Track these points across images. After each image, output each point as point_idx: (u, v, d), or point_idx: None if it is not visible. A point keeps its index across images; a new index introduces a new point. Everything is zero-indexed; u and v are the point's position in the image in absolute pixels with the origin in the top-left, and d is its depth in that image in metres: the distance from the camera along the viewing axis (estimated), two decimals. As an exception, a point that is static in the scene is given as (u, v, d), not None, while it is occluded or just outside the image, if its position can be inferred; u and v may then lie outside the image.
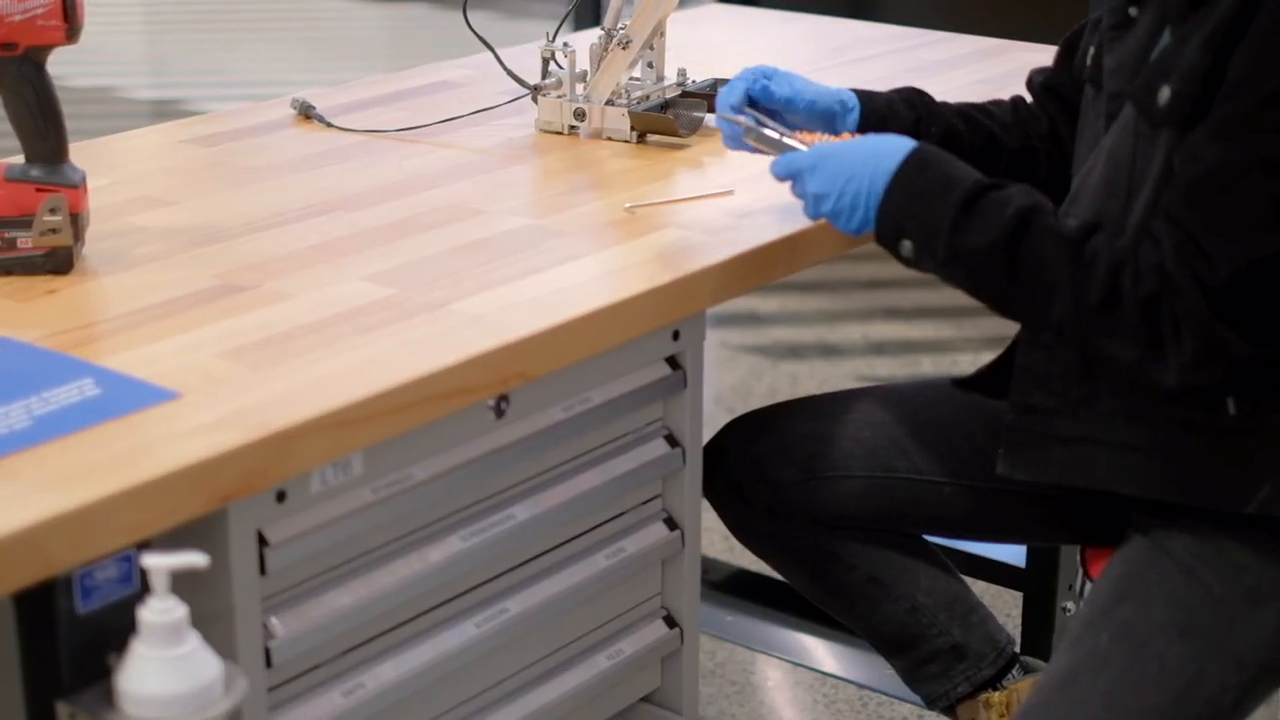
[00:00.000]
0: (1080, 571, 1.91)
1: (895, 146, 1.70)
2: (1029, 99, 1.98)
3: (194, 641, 1.33)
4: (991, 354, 1.97)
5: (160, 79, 7.72)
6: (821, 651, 2.98)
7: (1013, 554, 2.60)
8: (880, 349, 4.44)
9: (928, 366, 4.31)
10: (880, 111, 1.90)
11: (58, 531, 1.28)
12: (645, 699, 1.95)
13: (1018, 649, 2.04)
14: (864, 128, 1.88)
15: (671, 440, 1.86)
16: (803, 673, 2.99)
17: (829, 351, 4.43)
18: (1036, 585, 2.56)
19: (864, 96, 1.91)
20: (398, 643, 1.64)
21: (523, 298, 1.69)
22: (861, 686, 2.92)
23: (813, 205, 1.73)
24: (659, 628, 1.91)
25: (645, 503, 1.87)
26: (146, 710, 1.31)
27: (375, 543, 1.60)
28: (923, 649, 1.98)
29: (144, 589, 1.37)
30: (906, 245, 1.68)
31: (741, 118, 1.84)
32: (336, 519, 1.54)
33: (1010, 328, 1.80)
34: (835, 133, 1.90)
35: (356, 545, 1.58)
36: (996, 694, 1.96)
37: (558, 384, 1.70)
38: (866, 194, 1.69)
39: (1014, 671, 1.99)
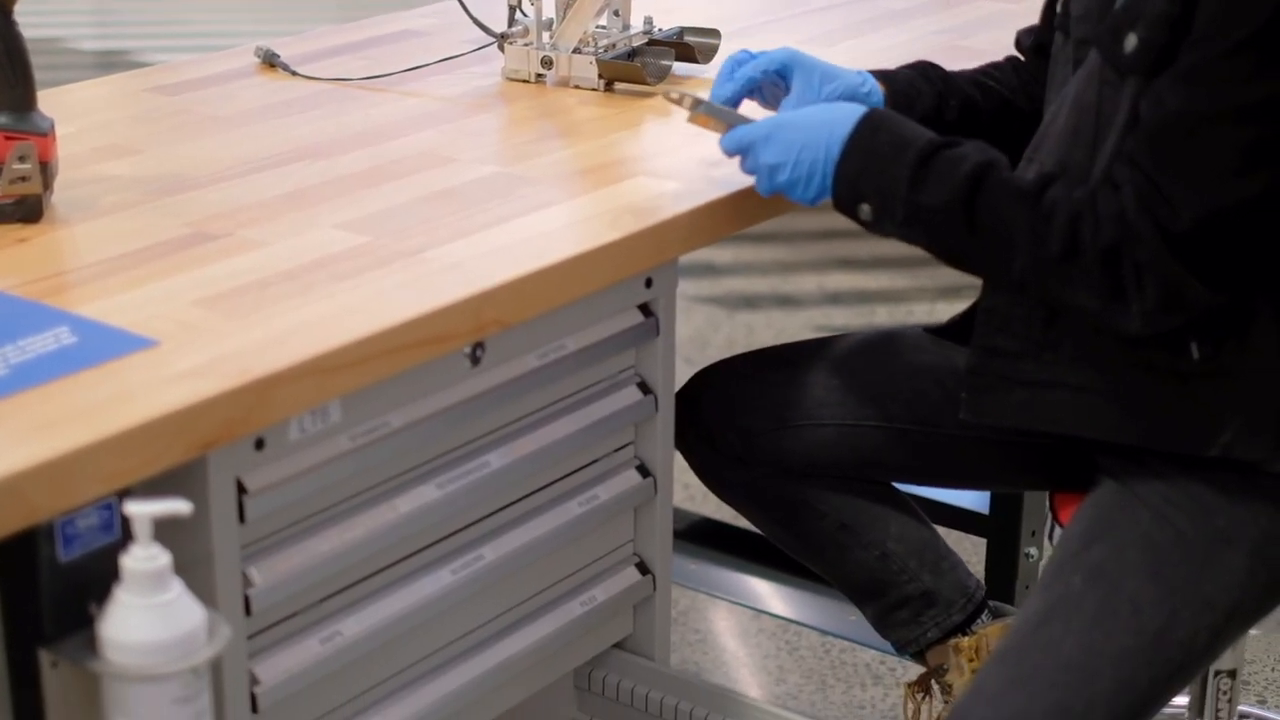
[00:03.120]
0: (1049, 517, 1.92)
1: (847, 113, 1.70)
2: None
3: (177, 589, 1.32)
4: (947, 304, 1.98)
5: (106, 30, 7.65)
6: (784, 598, 3.00)
7: (976, 500, 2.61)
8: (836, 299, 4.45)
9: (883, 316, 4.33)
10: (903, 91, 1.89)
11: (39, 479, 1.27)
12: (617, 645, 1.96)
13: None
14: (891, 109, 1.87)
15: (644, 387, 1.86)
16: (765, 620, 3.01)
17: (785, 302, 4.43)
18: (999, 532, 2.58)
19: (882, 78, 1.89)
20: (374, 590, 1.64)
21: (497, 245, 1.69)
22: (824, 633, 2.94)
23: (767, 177, 1.73)
24: (631, 574, 1.92)
25: (618, 450, 1.88)
26: (130, 657, 1.31)
27: (352, 490, 1.59)
28: (893, 595, 1.99)
29: (125, 537, 1.36)
30: (865, 209, 1.68)
31: (686, 94, 1.80)
32: (314, 466, 1.54)
33: (967, 278, 1.80)
34: None
35: (334, 493, 1.58)
36: (966, 639, 1.98)
37: (532, 331, 1.70)
38: (823, 161, 1.69)
39: (983, 617, 2.00)
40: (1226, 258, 1.58)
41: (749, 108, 1.87)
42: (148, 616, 1.31)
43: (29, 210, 1.71)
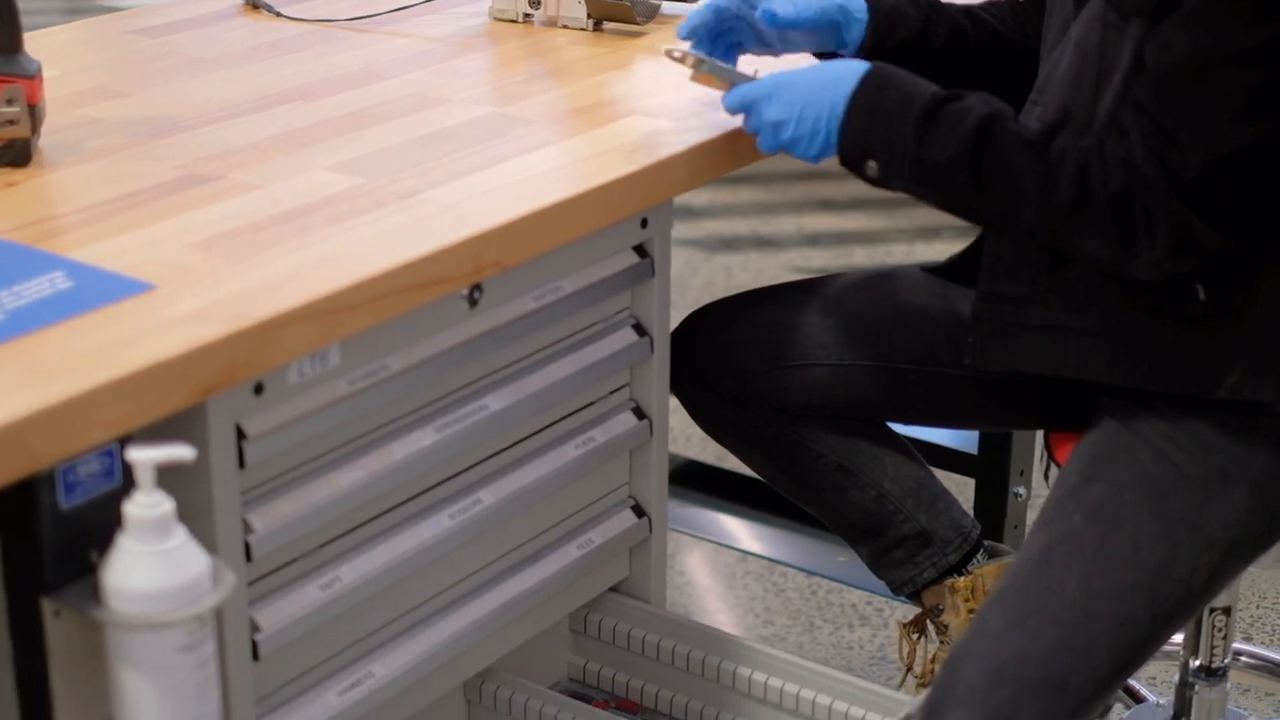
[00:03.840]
0: (1045, 456, 1.92)
1: (851, 69, 1.69)
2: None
3: (181, 536, 1.31)
4: (925, 244, 1.97)
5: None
6: (769, 540, 3.00)
7: (964, 440, 2.61)
8: (814, 240, 4.44)
9: (861, 257, 4.32)
10: (888, 13, 1.87)
11: (39, 426, 1.26)
12: (614, 589, 1.96)
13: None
14: (873, 33, 1.86)
15: (639, 329, 1.85)
16: (751, 561, 3.01)
17: (763, 243, 4.42)
18: (988, 471, 2.57)
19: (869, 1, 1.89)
20: (374, 535, 1.63)
21: (493, 186, 1.67)
22: (810, 573, 2.94)
23: (771, 135, 1.72)
24: (628, 517, 1.91)
25: (614, 392, 1.87)
26: (134, 605, 1.30)
27: (351, 435, 1.58)
28: (889, 535, 1.98)
29: (126, 484, 1.35)
30: (871, 165, 1.68)
31: (689, 53, 1.77)
32: (313, 411, 1.52)
33: (945, 218, 1.79)
34: (841, 44, 1.87)
35: (333, 437, 1.56)
36: (962, 579, 1.97)
37: (529, 273, 1.68)
38: (827, 118, 1.68)
39: (979, 557, 2.00)
40: (1235, 202, 1.57)
41: (751, 65, 1.84)
42: (152, 564, 1.30)
43: (17, 154, 1.69)
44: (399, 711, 1.70)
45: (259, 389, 1.46)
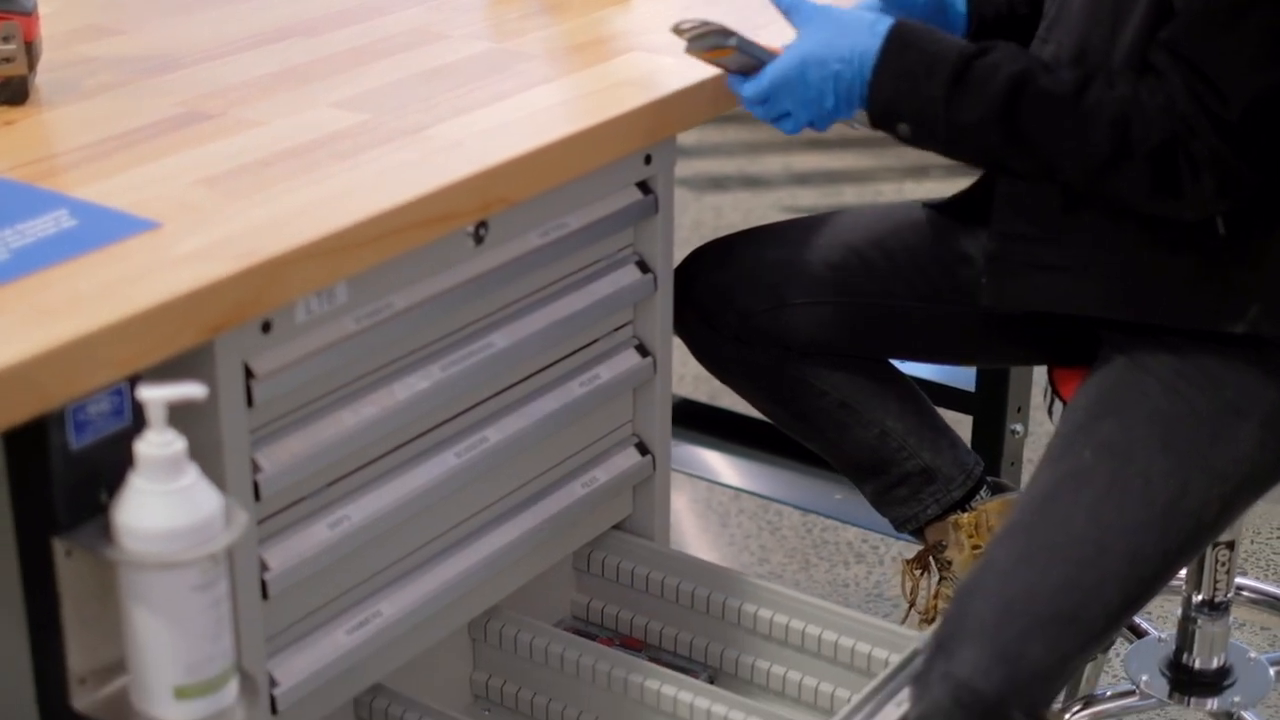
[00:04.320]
0: (1049, 391, 1.91)
1: (869, 29, 1.65)
2: None
3: (193, 475, 1.30)
4: (914, 183, 1.96)
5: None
6: (764, 478, 3.00)
7: (962, 377, 2.60)
8: (803, 180, 4.43)
9: (850, 196, 4.31)
10: None
11: (50, 365, 1.24)
12: (617, 526, 1.95)
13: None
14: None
15: (643, 266, 1.84)
16: (746, 500, 3.01)
17: (752, 183, 4.41)
18: (985, 409, 2.57)
19: None
20: (381, 474, 1.62)
21: (498, 122, 1.66)
22: (805, 511, 2.95)
23: (806, 110, 1.69)
24: (631, 455, 1.91)
25: (617, 330, 1.86)
26: (147, 545, 1.29)
27: (358, 373, 1.57)
28: (892, 473, 1.98)
29: (136, 423, 1.34)
30: (903, 128, 1.66)
31: (684, 24, 1.69)
32: (321, 349, 1.51)
33: (933, 157, 1.78)
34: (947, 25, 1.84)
35: (340, 376, 1.55)
36: (965, 515, 1.97)
37: (534, 210, 1.67)
38: (854, 83, 1.66)
39: (982, 493, 1.99)
40: (1272, 140, 1.56)
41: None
42: (164, 503, 1.29)
43: (14, 92, 1.67)
44: (406, 650, 1.70)
45: (266, 327, 1.45)
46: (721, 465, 3.06)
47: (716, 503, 3.02)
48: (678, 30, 1.69)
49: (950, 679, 1.55)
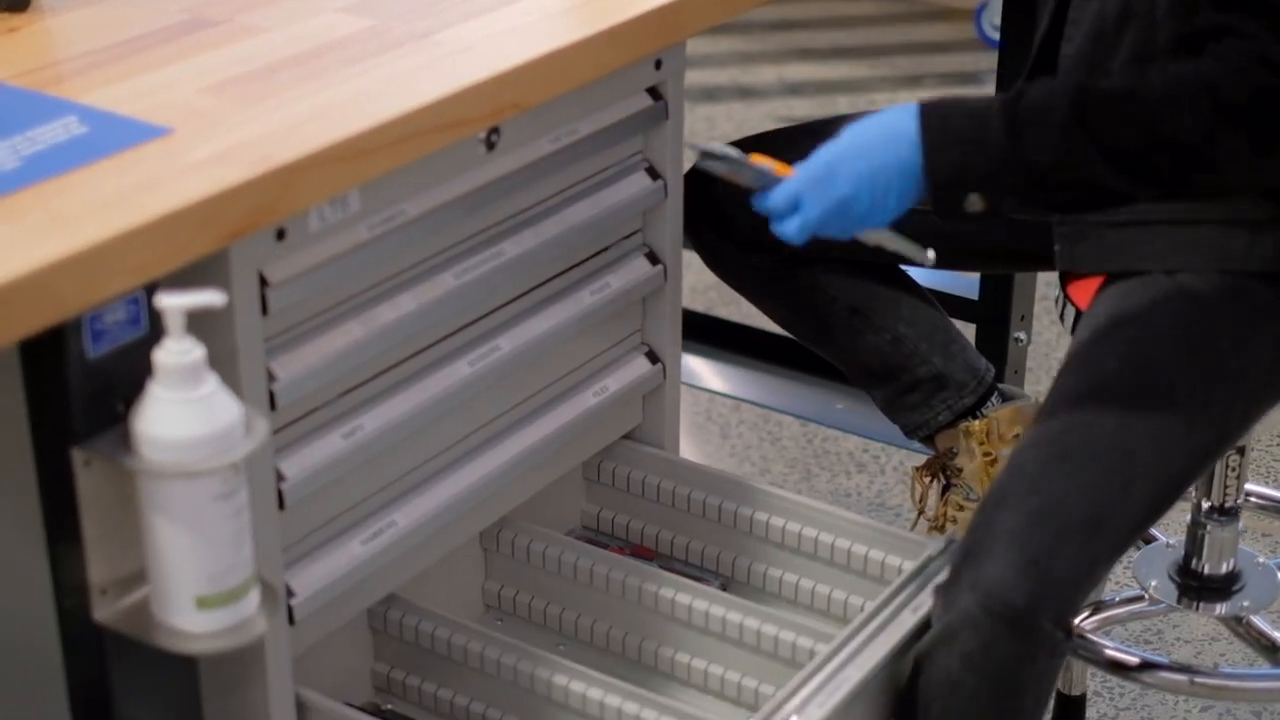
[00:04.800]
0: (1061, 299, 1.90)
1: (899, 118, 1.56)
2: None
3: (213, 383, 1.29)
4: (908, 92, 1.93)
5: None
6: (765, 387, 2.99)
7: (964, 285, 2.59)
8: (796, 90, 4.40)
9: (844, 106, 4.28)
10: None
11: (68, 271, 1.23)
12: (627, 436, 1.95)
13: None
14: None
15: (653, 173, 1.82)
16: (745, 410, 3.00)
17: (745, 94, 4.38)
18: (989, 317, 2.56)
19: None
20: (395, 383, 1.61)
21: (507, 27, 1.64)
22: (805, 420, 2.94)
23: (838, 216, 1.57)
24: (642, 364, 1.90)
25: (627, 237, 1.84)
26: (167, 454, 1.28)
27: (371, 281, 1.56)
28: (904, 379, 1.97)
29: (153, 332, 1.32)
30: (973, 199, 1.56)
31: (725, 151, 1.64)
32: (334, 257, 1.50)
33: (927, 66, 1.74)
34: None
35: (353, 284, 1.54)
36: (977, 422, 1.97)
37: (545, 115, 1.65)
38: (899, 174, 1.55)
39: (993, 400, 1.99)
40: None
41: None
42: (184, 412, 1.27)
43: (16, -1, 1.65)
44: (420, 560, 1.70)
45: (281, 235, 1.43)
46: (721, 376, 3.05)
47: (717, 414, 3.02)
48: (692, 148, 1.65)
49: (979, 589, 1.54)
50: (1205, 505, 2.03)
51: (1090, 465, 1.59)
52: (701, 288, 3.27)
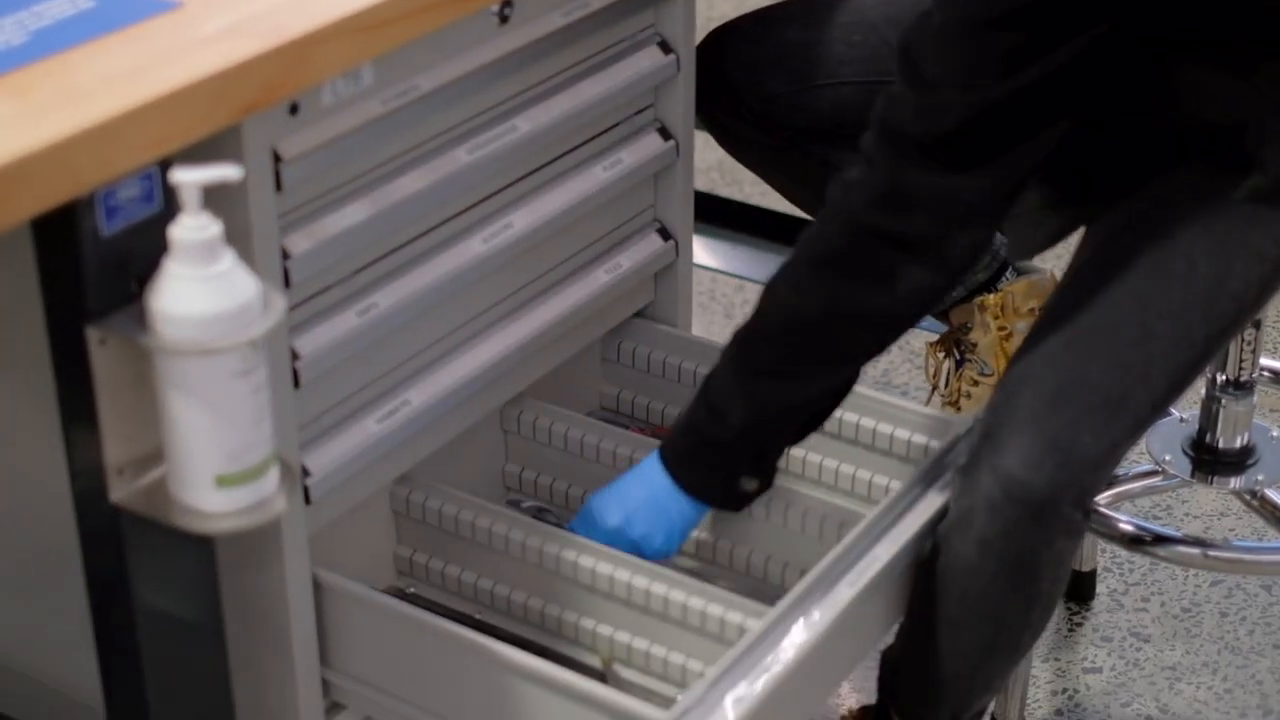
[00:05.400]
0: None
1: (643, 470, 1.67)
2: None
3: (230, 260, 1.26)
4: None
5: None
6: (770, 266, 2.96)
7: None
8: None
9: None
10: None
11: (80, 147, 1.20)
12: (640, 314, 1.93)
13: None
14: None
15: (665, 47, 1.80)
16: (751, 290, 2.98)
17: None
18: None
19: None
20: (408, 260, 1.59)
21: (518, -105, 1.60)
22: (812, 302, 2.92)
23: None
24: (654, 241, 1.88)
25: (639, 113, 1.82)
26: (184, 331, 1.26)
27: (385, 157, 1.54)
28: (917, 254, 1.95)
29: (167, 209, 1.30)
30: (744, 481, 1.66)
31: None
32: (348, 132, 1.47)
33: None
34: None
35: (366, 159, 1.52)
36: (991, 296, 1.95)
37: (558, -13, 1.63)
38: (679, 513, 1.66)
39: (1008, 274, 1.97)
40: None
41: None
42: (202, 288, 1.25)
43: None
44: (435, 439, 1.69)
45: (294, 109, 1.41)
46: (724, 255, 3.04)
47: (720, 294, 3.00)
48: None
49: (998, 472, 1.53)
50: (1220, 379, 2.02)
51: (1111, 344, 1.57)
52: (704, 168, 3.24)
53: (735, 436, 1.61)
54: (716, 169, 3.27)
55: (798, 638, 1.51)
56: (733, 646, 1.50)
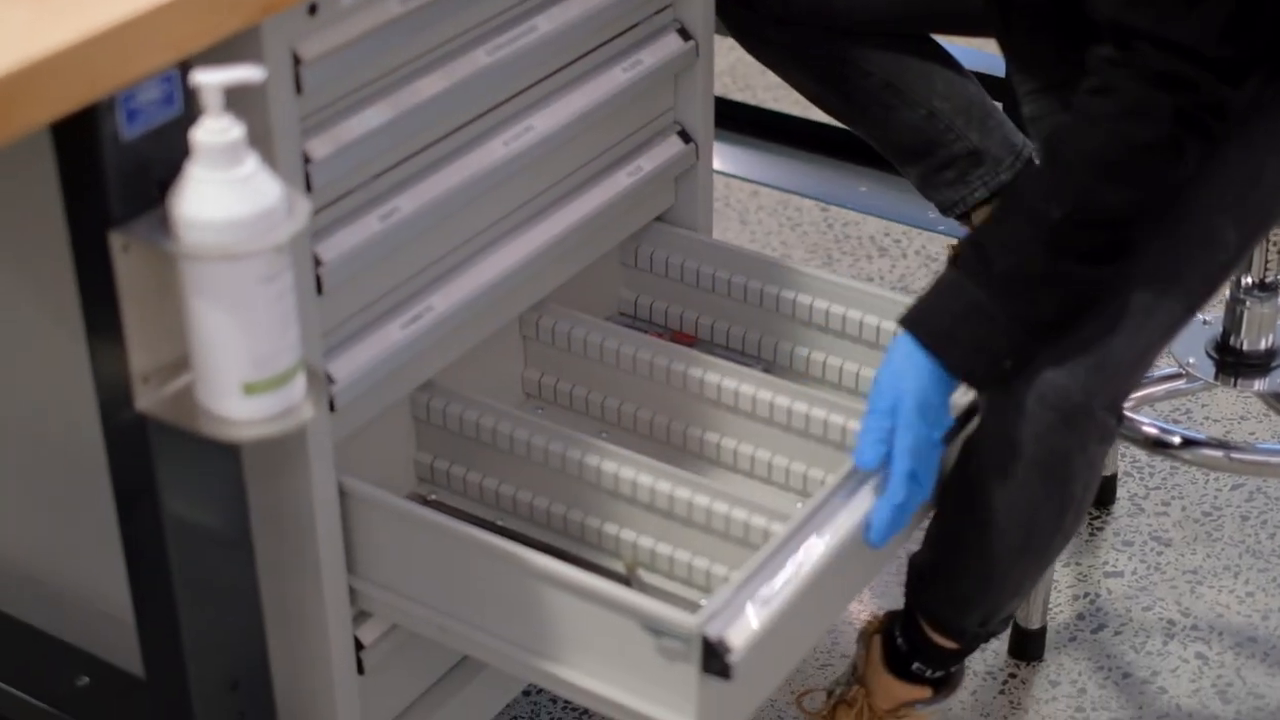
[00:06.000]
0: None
1: (905, 359, 1.54)
2: None
3: (254, 163, 1.24)
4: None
5: None
6: (784, 170, 2.95)
7: (995, 64, 2.54)
8: None
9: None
10: None
11: (98, 48, 1.18)
12: (659, 218, 1.91)
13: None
14: None
15: (684, -55, 1.77)
16: (765, 194, 2.96)
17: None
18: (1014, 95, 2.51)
19: None
20: (429, 164, 1.57)
21: None
22: (826, 204, 2.90)
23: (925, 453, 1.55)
24: (674, 143, 1.86)
25: (658, 12, 1.79)
26: (208, 235, 1.24)
27: (404, 58, 1.51)
28: (940, 154, 1.93)
29: (187, 112, 1.28)
30: (1007, 364, 1.54)
31: None
32: (367, 33, 1.45)
33: None
34: None
35: (386, 61, 1.49)
36: (1015, 199, 1.93)
37: (578, -116, 1.60)
38: (941, 401, 1.55)
39: (1032, 176, 1.95)
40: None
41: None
42: (226, 192, 1.23)
43: None
44: (458, 345, 1.67)
45: (313, 9, 1.38)
46: (738, 160, 3.01)
47: (735, 200, 2.97)
48: None
49: (1032, 377, 1.52)
50: (1245, 282, 2.01)
51: (1141, 246, 1.55)
52: (715, 72, 3.20)
53: (1048, 321, 1.52)
54: (728, 73, 3.24)
55: (822, 542, 1.50)
56: (757, 551, 1.49)
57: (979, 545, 1.62)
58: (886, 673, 1.77)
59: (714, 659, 1.40)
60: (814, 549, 1.50)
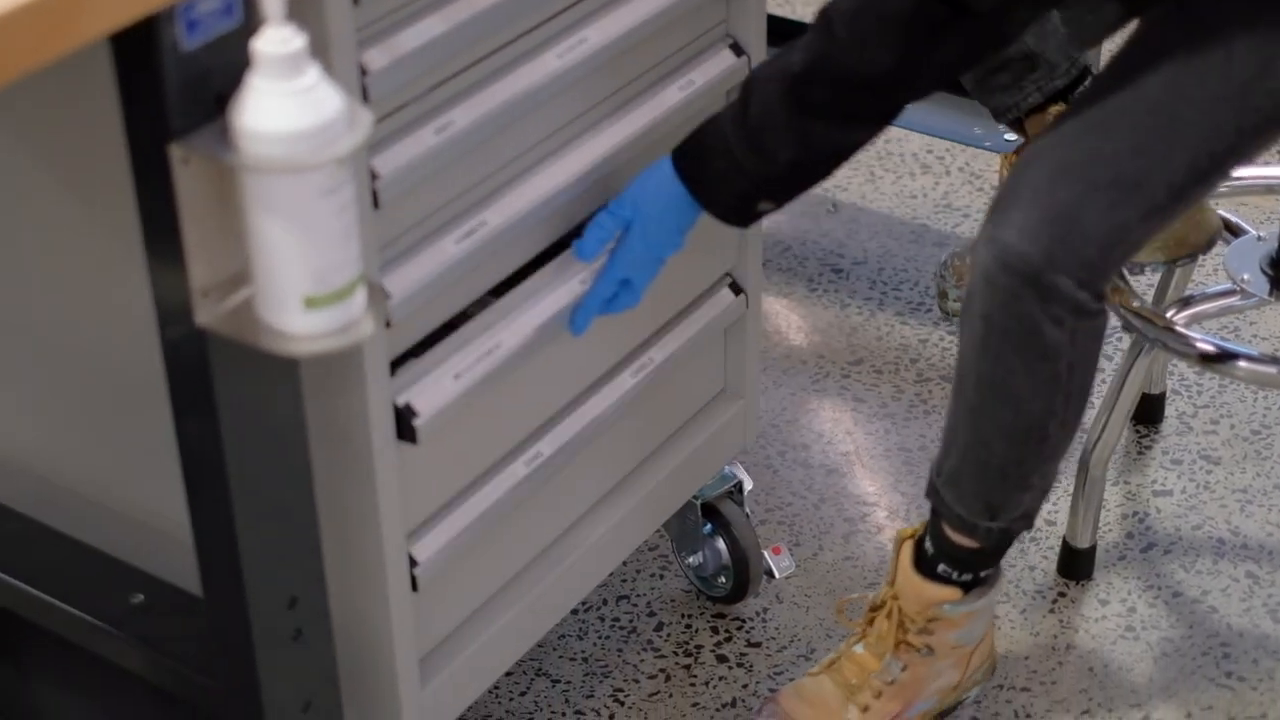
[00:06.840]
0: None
1: (661, 181, 1.66)
2: None
3: (315, 74, 1.22)
4: None
5: None
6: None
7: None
8: None
9: None
10: None
11: (159, -43, 1.16)
12: (711, 133, 1.88)
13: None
14: None
15: None
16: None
17: None
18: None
19: None
20: (484, 76, 1.55)
21: None
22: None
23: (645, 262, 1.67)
24: (726, 56, 1.83)
25: (712, -80, 1.77)
26: (270, 148, 1.22)
27: (459, -33, 1.49)
28: (994, 58, 1.89)
29: (247, 23, 1.26)
30: (762, 205, 1.64)
31: None
32: (422, -57, 1.43)
33: None
34: None
35: (442, -29, 1.47)
36: (1068, 107, 1.90)
37: None
38: (681, 221, 1.66)
39: (1086, 84, 1.92)
40: None
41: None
42: (288, 103, 1.21)
43: None
44: (510, 261, 1.65)
45: (366, -84, 1.36)
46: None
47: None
48: None
49: (995, 242, 1.51)
50: (1302, 197, 1.99)
51: (1132, 126, 1.53)
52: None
53: (781, 172, 1.60)
54: (766, -11, 3.20)
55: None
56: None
57: (972, 429, 1.62)
58: (916, 574, 1.76)
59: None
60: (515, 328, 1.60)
